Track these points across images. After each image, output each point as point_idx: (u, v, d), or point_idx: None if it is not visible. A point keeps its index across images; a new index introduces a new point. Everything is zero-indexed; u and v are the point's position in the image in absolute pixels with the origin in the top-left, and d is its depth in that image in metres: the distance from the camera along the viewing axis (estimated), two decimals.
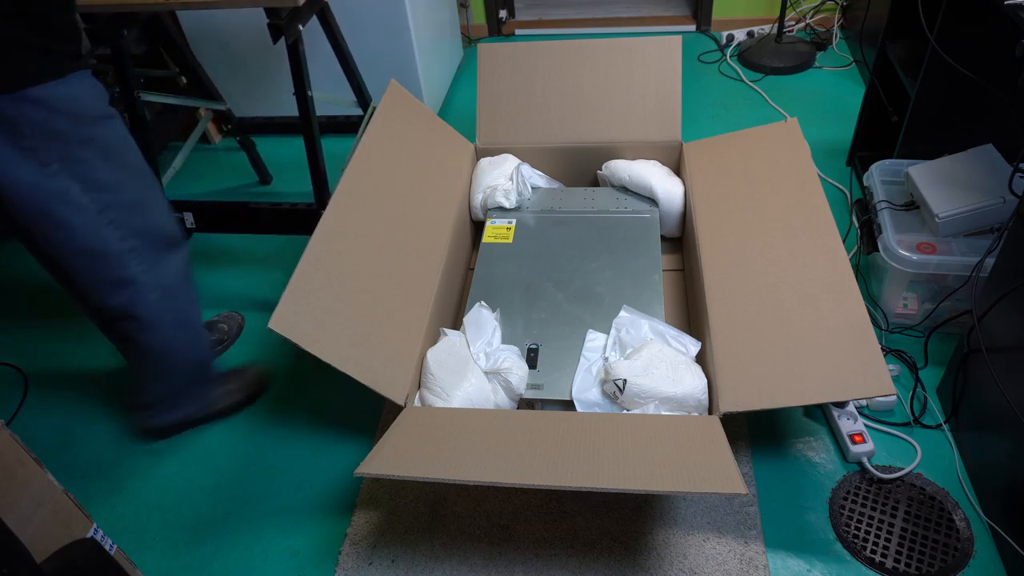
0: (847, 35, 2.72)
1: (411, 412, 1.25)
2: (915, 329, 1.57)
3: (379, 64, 2.25)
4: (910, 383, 1.46)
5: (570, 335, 1.43)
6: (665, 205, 1.69)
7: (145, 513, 1.41)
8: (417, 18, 2.22)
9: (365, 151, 1.49)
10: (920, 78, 1.61)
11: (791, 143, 1.57)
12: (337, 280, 1.28)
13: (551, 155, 1.83)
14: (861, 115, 1.97)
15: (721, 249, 1.44)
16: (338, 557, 1.29)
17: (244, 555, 1.32)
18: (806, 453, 1.37)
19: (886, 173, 1.68)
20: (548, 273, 1.57)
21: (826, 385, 1.15)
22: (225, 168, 2.41)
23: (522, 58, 1.81)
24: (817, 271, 1.31)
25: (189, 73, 1.93)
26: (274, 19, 1.45)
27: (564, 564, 1.24)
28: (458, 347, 1.38)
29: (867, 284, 1.66)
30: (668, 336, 1.36)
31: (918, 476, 1.31)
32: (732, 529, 1.26)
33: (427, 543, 1.29)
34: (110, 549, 1.05)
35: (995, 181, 1.46)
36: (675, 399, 1.25)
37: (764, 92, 2.46)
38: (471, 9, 3.00)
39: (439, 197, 1.64)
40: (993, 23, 1.45)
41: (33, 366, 1.75)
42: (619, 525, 1.28)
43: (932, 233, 1.50)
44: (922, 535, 1.23)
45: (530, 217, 1.72)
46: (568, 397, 1.33)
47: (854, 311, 1.22)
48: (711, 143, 1.72)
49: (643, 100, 1.76)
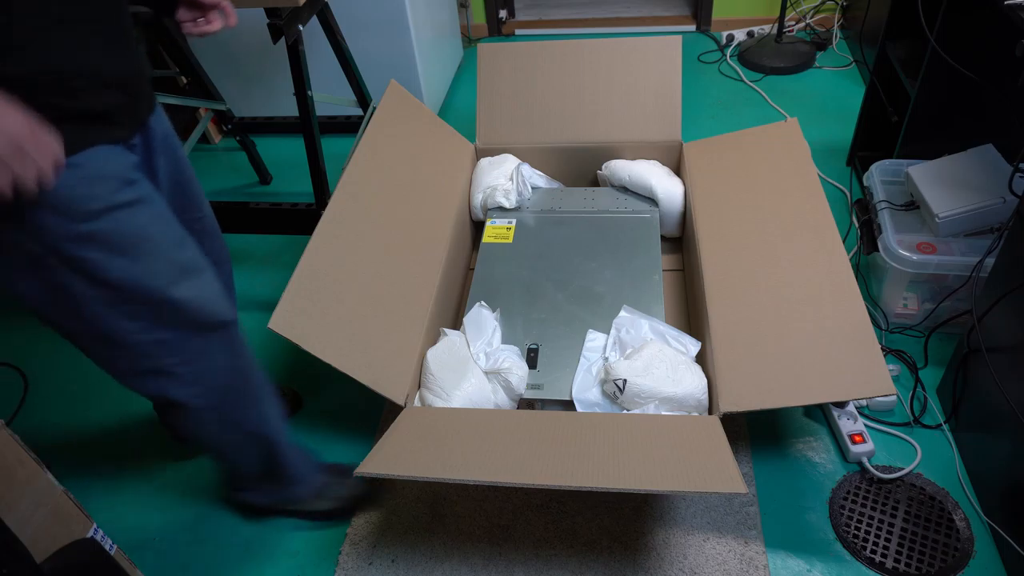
0: (847, 35, 2.72)
1: (411, 412, 1.25)
2: (915, 329, 1.57)
3: (379, 64, 2.25)
4: (910, 383, 1.46)
5: (570, 335, 1.43)
6: (665, 205, 1.69)
7: (145, 513, 1.41)
8: (417, 18, 2.22)
9: (365, 151, 1.49)
10: (920, 78, 1.61)
11: (791, 143, 1.57)
12: (337, 280, 1.28)
13: (551, 155, 1.83)
14: (861, 115, 1.97)
15: (721, 249, 1.44)
16: (338, 557, 1.29)
17: (244, 555, 1.32)
18: (806, 453, 1.37)
19: (886, 173, 1.68)
20: (548, 273, 1.57)
21: (826, 385, 1.15)
22: (225, 168, 2.41)
23: (522, 58, 1.81)
24: (817, 271, 1.31)
25: (189, 73, 1.93)
26: (274, 19, 1.45)
27: (564, 564, 1.24)
28: (458, 347, 1.38)
29: (867, 284, 1.66)
30: (668, 336, 1.36)
31: (918, 476, 1.31)
32: (732, 529, 1.26)
33: (427, 543, 1.29)
34: (110, 549, 1.05)
35: (995, 181, 1.46)
36: (675, 399, 1.25)
37: (764, 92, 2.46)
38: (471, 9, 3.00)
39: (439, 197, 1.64)
40: (993, 23, 1.45)
41: (33, 366, 1.75)
42: (619, 525, 1.28)
43: (932, 233, 1.50)
44: (922, 535, 1.23)
45: (530, 217, 1.72)
46: (568, 397, 1.33)
47: (854, 311, 1.22)
48: (711, 143, 1.72)
49: (643, 100, 1.76)
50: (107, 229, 0.88)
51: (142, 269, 0.92)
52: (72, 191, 0.84)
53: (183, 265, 0.98)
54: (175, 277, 0.97)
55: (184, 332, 1.00)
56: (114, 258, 0.89)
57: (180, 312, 0.98)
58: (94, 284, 0.90)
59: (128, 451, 1.53)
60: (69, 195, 0.83)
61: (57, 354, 1.78)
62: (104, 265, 0.89)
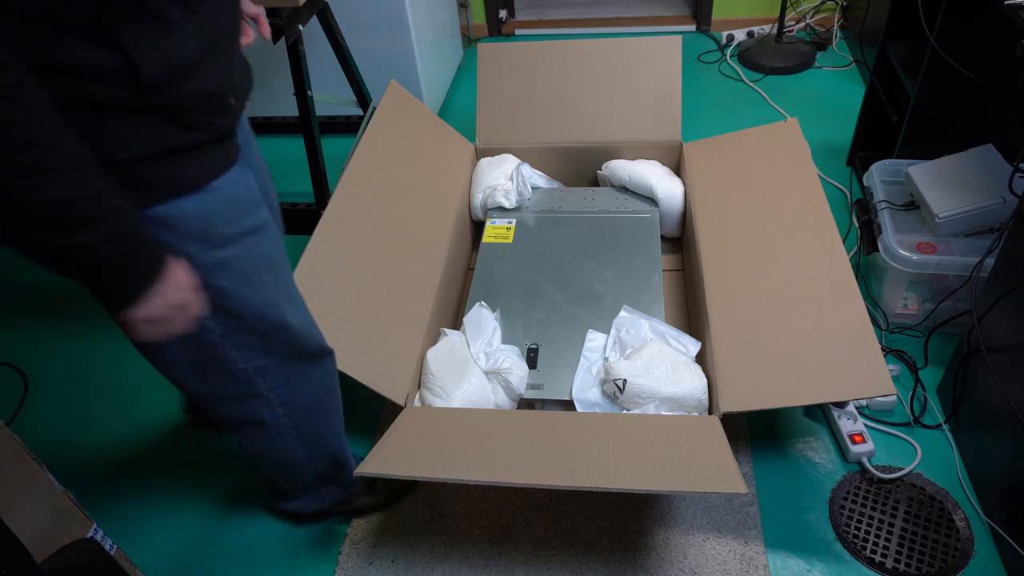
0: (847, 35, 2.72)
1: (411, 412, 1.25)
2: (915, 329, 1.57)
3: (379, 64, 2.25)
4: (910, 383, 1.46)
5: (570, 335, 1.43)
6: (665, 205, 1.69)
7: (145, 513, 1.41)
8: (417, 18, 2.22)
9: (365, 151, 1.49)
10: (920, 78, 1.61)
11: (791, 143, 1.57)
12: (337, 280, 1.28)
13: (551, 155, 1.83)
14: (861, 115, 1.97)
15: (721, 249, 1.44)
16: (338, 557, 1.29)
17: (244, 555, 1.31)
18: (806, 453, 1.37)
19: (886, 173, 1.68)
20: (548, 273, 1.57)
21: (826, 385, 1.15)
22: None
23: (522, 58, 1.81)
24: (817, 271, 1.31)
25: None
26: (274, 19, 1.45)
27: (564, 564, 1.24)
28: (458, 347, 1.38)
29: (867, 284, 1.66)
30: (668, 336, 1.36)
31: (918, 476, 1.31)
32: (732, 529, 1.26)
33: (427, 543, 1.29)
34: (110, 549, 1.05)
35: (995, 181, 1.46)
36: (675, 399, 1.25)
37: (764, 92, 2.46)
38: (471, 9, 3.00)
39: (439, 197, 1.64)
40: (993, 23, 1.45)
41: (33, 366, 1.75)
42: (619, 525, 1.28)
43: (932, 233, 1.50)
44: (922, 535, 1.23)
45: (530, 217, 1.72)
46: (568, 397, 1.33)
47: (854, 311, 1.22)
48: (711, 143, 1.72)
49: (643, 100, 1.76)
50: (241, 255, 0.86)
51: (263, 297, 0.91)
52: (213, 216, 0.81)
53: (291, 292, 0.97)
54: (287, 304, 0.96)
55: (281, 360, 0.98)
56: (240, 287, 0.87)
57: (288, 340, 0.97)
58: (214, 314, 0.87)
59: (128, 451, 1.53)
60: (210, 220, 0.81)
61: (57, 354, 1.78)
62: (230, 294, 0.86)
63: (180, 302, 0.77)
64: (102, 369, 1.72)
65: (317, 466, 1.20)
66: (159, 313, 0.76)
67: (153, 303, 0.75)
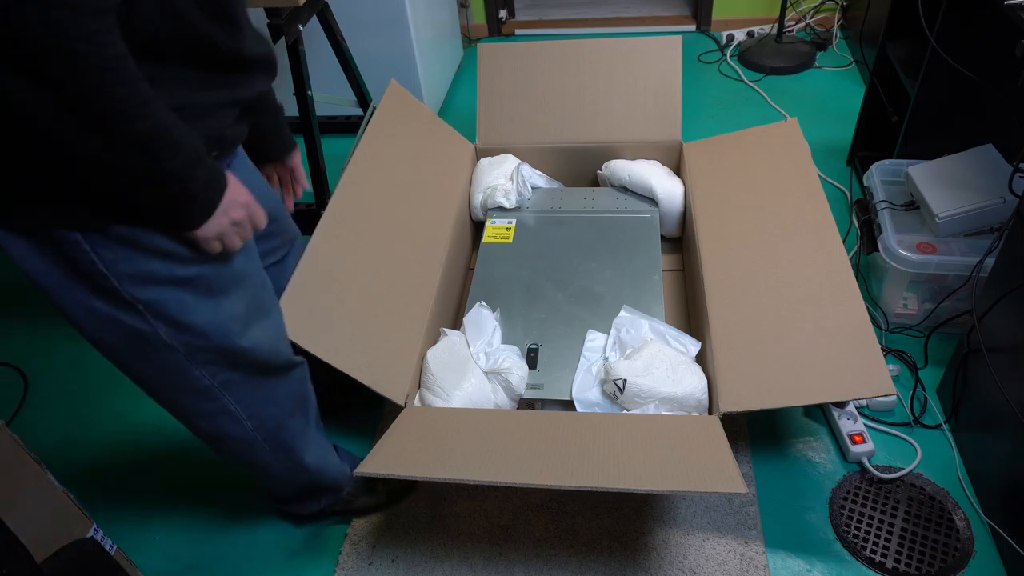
0: (847, 35, 2.72)
1: (411, 412, 1.25)
2: (915, 329, 1.57)
3: (379, 64, 2.25)
4: (910, 383, 1.46)
5: (570, 335, 1.43)
6: (665, 205, 1.69)
7: (145, 513, 1.41)
8: (417, 18, 2.22)
9: (365, 151, 1.49)
10: (920, 78, 1.61)
11: (791, 143, 1.57)
12: (337, 280, 1.28)
13: (551, 155, 1.83)
14: (861, 115, 1.97)
15: (721, 249, 1.44)
16: (338, 557, 1.29)
17: (244, 555, 1.32)
18: (806, 453, 1.37)
19: (886, 173, 1.68)
20: (548, 273, 1.57)
21: (826, 385, 1.15)
22: None
23: (522, 58, 1.81)
24: (817, 271, 1.31)
25: None
26: (274, 19, 1.45)
27: (564, 564, 1.24)
28: (458, 347, 1.38)
29: (867, 284, 1.66)
30: (668, 336, 1.36)
31: (918, 476, 1.31)
32: (732, 529, 1.26)
33: (427, 543, 1.29)
34: (110, 549, 1.05)
35: (995, 181, 1.46)
36: (675, 399, 1.25)
37: (764, 92, 2.46)
38: (471, 9, 3.00)
39: (439, 197, 1.64)
40: (993, 23, 1.45)
41: (33, 366, 1.75)
42: (619, 525, 1.28)
43: (932, 233, 1.50)
44: (922, 535, 1.23)
45: (530, 217, 1.72)
46: (568, 397, 1.33)
47: (854, 311, 1.22)
48: (711, 143, 1.72)
49: (643, 100, 1.76)
50: (209, 273, 0.86)
51: (231, 314, 0.90)
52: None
53: (261, 305, 0.97)
54: (259, 316, 0.95)
55: (247, 373, 0.98)
56: (207, 301, 0.87)
57: (255, 352, 0.96)
58: (179, 331, 0.87)
59: (128, 451, 1.53)
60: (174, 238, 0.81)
61: (57, 354, 1.78)
62: (196, 309, 0.86)
63: (242, 218, 0.83)
64: (102, 369, 1.72)
65: (298, 479, 1.19)
66: (226, 229, 0.82)
67: (221, 220, 0.80)
